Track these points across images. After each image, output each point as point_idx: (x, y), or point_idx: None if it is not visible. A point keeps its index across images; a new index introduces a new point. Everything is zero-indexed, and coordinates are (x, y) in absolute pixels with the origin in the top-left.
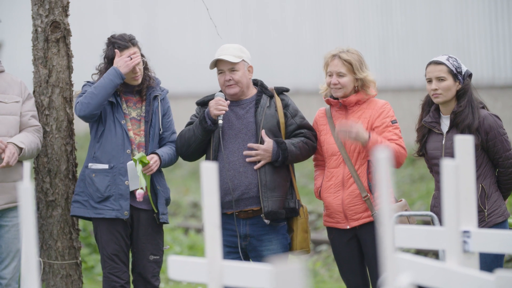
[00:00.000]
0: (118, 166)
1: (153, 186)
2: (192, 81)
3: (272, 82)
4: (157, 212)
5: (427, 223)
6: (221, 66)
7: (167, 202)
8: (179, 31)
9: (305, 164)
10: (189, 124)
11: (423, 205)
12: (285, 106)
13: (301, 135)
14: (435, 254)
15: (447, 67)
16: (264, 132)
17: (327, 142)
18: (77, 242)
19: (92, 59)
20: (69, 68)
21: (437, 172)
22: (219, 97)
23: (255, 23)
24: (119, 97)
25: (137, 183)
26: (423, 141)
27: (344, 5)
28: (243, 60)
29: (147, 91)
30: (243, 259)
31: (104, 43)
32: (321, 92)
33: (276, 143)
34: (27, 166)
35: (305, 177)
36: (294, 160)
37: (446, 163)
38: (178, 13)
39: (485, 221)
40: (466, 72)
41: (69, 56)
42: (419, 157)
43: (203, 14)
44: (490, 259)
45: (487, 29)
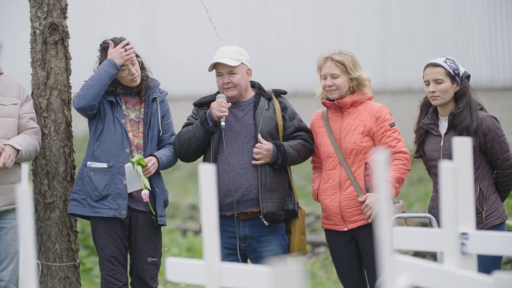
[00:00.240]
0: (117, 165)
1: (152, 188)
2: (191, 83)
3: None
4: (155, 214)
5: (425, 225)
6: (220, 69)
7: (165, 204)
8: (178, 32)
9: (303, 166)
10: (186, 125)
11: (421, 207)
12: (283, 108)
13: (298, 137)
14: (433, 256)
15: (445, 69)
16: (261, 136)
17: (324, 144)
18: (75, 244)
19: (90, 61)
20: (67, 70)
21: (435, 174)
22: (221, 98)
23: (254, 24)
24: (118, 97)
25: (134, 185)
26: (420, 142)
27: (343, 7)
28: (242, 63)
29: (146, 92)
30: (241, 261)
31: (97, 50)
32: (317, 96)
33: (275, 145)
34: (25, 168)
35: (303, 179)
36: (292, 163)
37: (444, 165)
38: (177, 14)
39: (483, 223)
40: (464, 73)
41: (67, 58)
42: (418, 158)
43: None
44: (488, 261)
45: (486, 31)
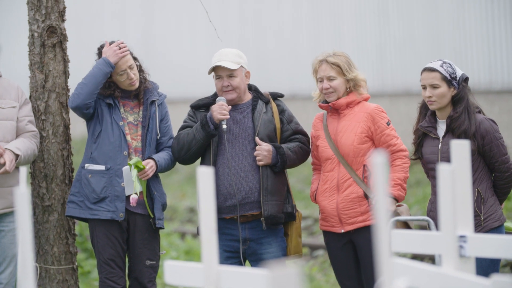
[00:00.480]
0: (114, 168)
1: (150, 191)
2: (189, 85)
3: (269, 87)
4: (153, 217)
5: (423, 227)
6: (219, 72)
7: (163, 207)
8: (176, 35)
9: (301, 169)
10: (183, 128)
11: (419, 210)
12: (281, 111)
13: (295, 140)
14: (431, 259)
15: (441, 74)
16: (260, 139)
17: (322, 146)
18: (73, 247)
19: (88, 64)
20: (66, 73)
21: (433, 177)
22: (221, 101)
23: (252, 28)
24: (116, 100)
25: (132, 188)
26: (418, 144)
27: (341, 10)
28: (241, 66)
29: (144, 95)
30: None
31: (95, 54)
32: (314, 99)
33: (274, 147)
34: (23, 171)
35: (301, 182)
36: (291, 165)
37: (442, 168)
38: (175, 17)
39: (481, 225)
40: (461, 76)
41: (65, 61)
42: (416, 159)
43: (200, 19)
44: (486, 263)
45: (484, 34)
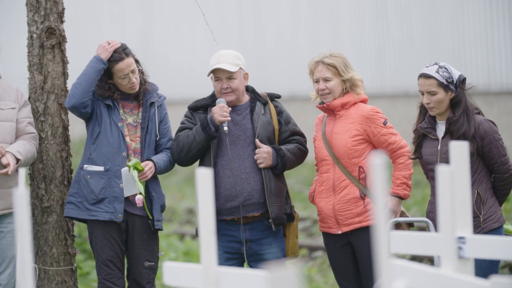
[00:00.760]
0: (113, 169)
1: (148, 192)
2: (188, 86)
3: (268, 88)
4: (152, 218)
5: (422, 229)
6: (218, 74)
7: (162, 208)
8: (175, 36)
9: (300, 170)
10: (181, 129)
11: (418, 211)
12: (279, 113)
13: (293, 141)
14: (430, 260)
15: (437, 80)
16: (260, 140)
17: (318, 147)
18: (72, 248)
19: None
20: (65, 75)
21: (432, 178)
22: (222, 103)
23: (251, 29)
24: (116, 101)
25: (131, 189)
26: (417, 144)
27: (340, 12)
28: (240, 67)
29: (144, 97)
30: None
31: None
32: (313, 100)
33: (274, 149)
34: (22, 173)
35: (300, 184)
36: (291, 166)
37: (441, 169)
38: (174, 19)
39: (481, 227)
40: (458, 78)
41: (64, 62)
42: (415, 159)
43: (199, 20)
44: (486, 265)
45: (482, 35)
